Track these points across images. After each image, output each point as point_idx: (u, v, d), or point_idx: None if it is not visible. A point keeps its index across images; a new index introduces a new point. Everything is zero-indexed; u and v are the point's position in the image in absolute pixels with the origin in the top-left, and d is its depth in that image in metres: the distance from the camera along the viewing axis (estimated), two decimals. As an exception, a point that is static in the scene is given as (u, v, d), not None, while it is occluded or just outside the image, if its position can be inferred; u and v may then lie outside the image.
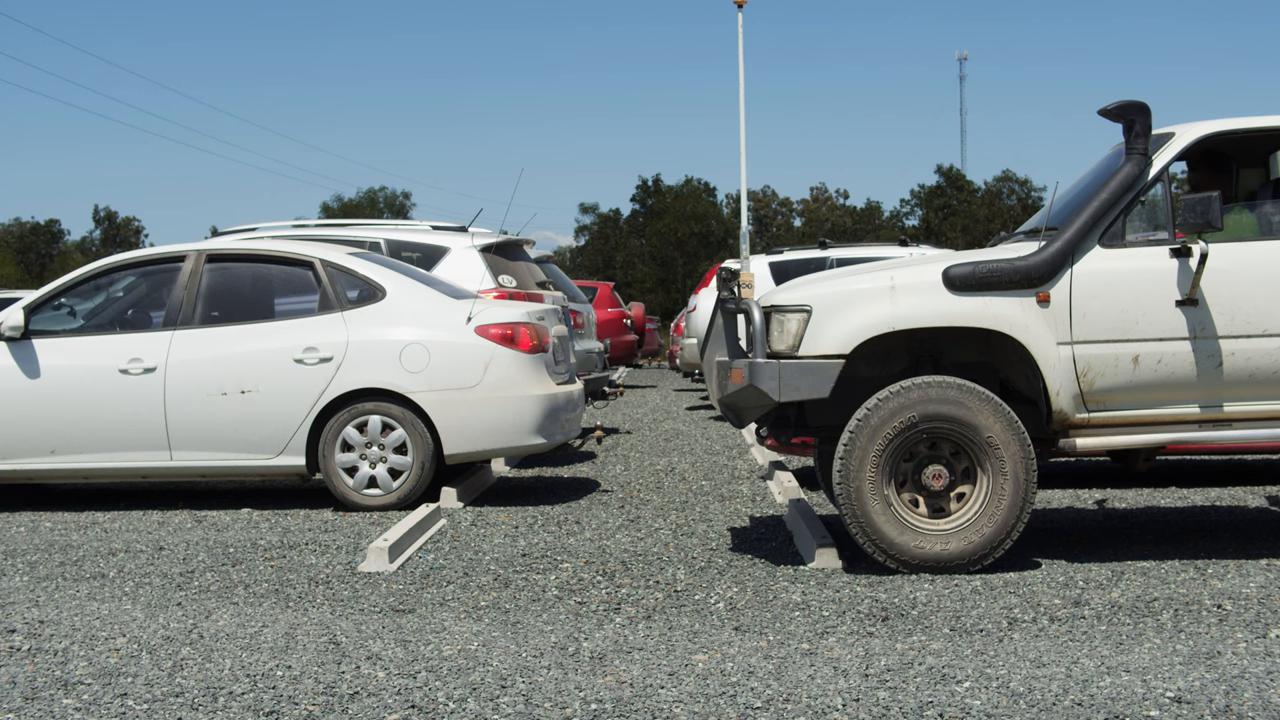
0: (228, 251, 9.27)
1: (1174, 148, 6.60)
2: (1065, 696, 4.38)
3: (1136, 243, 6.50)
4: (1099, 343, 6.38)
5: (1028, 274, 6.39)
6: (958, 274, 6.40)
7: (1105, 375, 6.39)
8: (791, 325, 6.45)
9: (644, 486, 9.73)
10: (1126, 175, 6.47)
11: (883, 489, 6.34)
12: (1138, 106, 6.49)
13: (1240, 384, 6.42)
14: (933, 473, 6.38)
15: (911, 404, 6.32)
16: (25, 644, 5.33)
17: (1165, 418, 6.48)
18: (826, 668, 4.78)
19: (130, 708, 4.46)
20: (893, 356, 6.71)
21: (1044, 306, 6.39)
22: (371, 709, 4.39)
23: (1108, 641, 5.12)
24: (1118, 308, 6.38)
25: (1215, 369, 6.39)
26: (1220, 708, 4.25)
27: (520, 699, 4.47)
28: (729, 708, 4.34)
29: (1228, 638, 5.14)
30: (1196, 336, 6.38)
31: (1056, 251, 6.41)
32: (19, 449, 8.78)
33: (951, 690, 4.48)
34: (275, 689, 4.62)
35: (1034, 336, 6.37)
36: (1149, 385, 6.41)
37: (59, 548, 7.59)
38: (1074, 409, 6.44)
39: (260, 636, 5.38)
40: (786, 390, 6.39)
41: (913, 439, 6.35)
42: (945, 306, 6.40)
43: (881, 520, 6.33)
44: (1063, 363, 6.38)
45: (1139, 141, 6.49)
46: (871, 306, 6.42)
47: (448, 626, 5.52)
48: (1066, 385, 6.39)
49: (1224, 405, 6.47)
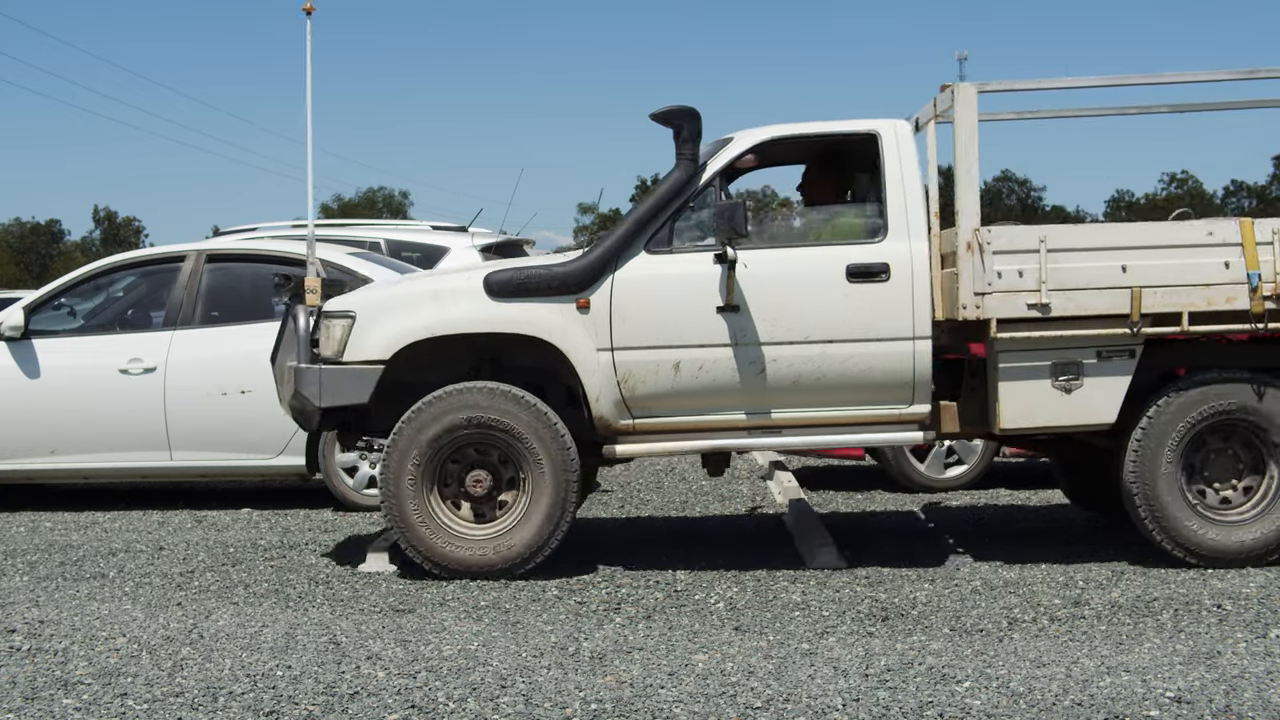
0: (228, 251, 9.27)
1: (728, 154, 6.57)
2: (1065, 696, 4.38)
3: (682, 249, 6.45)
4: (639, 349, 6.34)
5: (566, 280, 6.37)
6: (497, 280, 6.40)
7: (646, 382, 6.36)
8: (336, 331, 6.46)
9: (644, 486, 9.73)
10: (674, 181, 6.45)
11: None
12: (685, 112, 6.44)
13: (785, 391, 6.39)
14: (474, 478, 6.39)
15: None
16: (25, 644, 5.33)
17: (711, 424, 6.46)
18: (826, 668, 4.78)
19: (130, 708, 4.46)
20: (457, 362, 6.62)
21: (584, 313, 6.35)
22: (371, 709, 4.39)
23: (1108, 641, 5.12)
24: (659, 314, 6.35)
25: (759, 376, 6.35)
26: (1220, 708, 4.25)
27: (520, 699, 4.47)
28: (729, 708, 4.34)
29: (1228, 638, 5.14)
30: (739, 343, 6.33)
31: (597, 258, 6.40)
32: (19, 449, 8.77)
33: (951, 690, 4.48)
34: (275, 689, 4.62)
35: (573, 343, 6.35)
36: (692, 392, 6.38)
37: (59, 548, 7.59)
38: (617, 415, 6.42)
39: (260, 636, 5.38)
40: (328, 395, 6.41)
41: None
42: (486, 313, 6.39)
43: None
44: (603, 369, 6.35)
45: (687, 147, 6.45)
46: (413, 313, 6.42)
47: (448, 626, 5.52)
48: (607, 391, 6.36)
49: (771, 412, 6.44)
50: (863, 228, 6.56)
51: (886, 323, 6.33)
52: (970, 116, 6.39)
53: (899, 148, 6.52)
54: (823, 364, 6.33)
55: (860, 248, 6.42)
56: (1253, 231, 6.23)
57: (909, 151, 6.54)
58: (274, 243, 9.59)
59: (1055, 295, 6.23)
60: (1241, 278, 6.22)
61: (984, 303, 6.24)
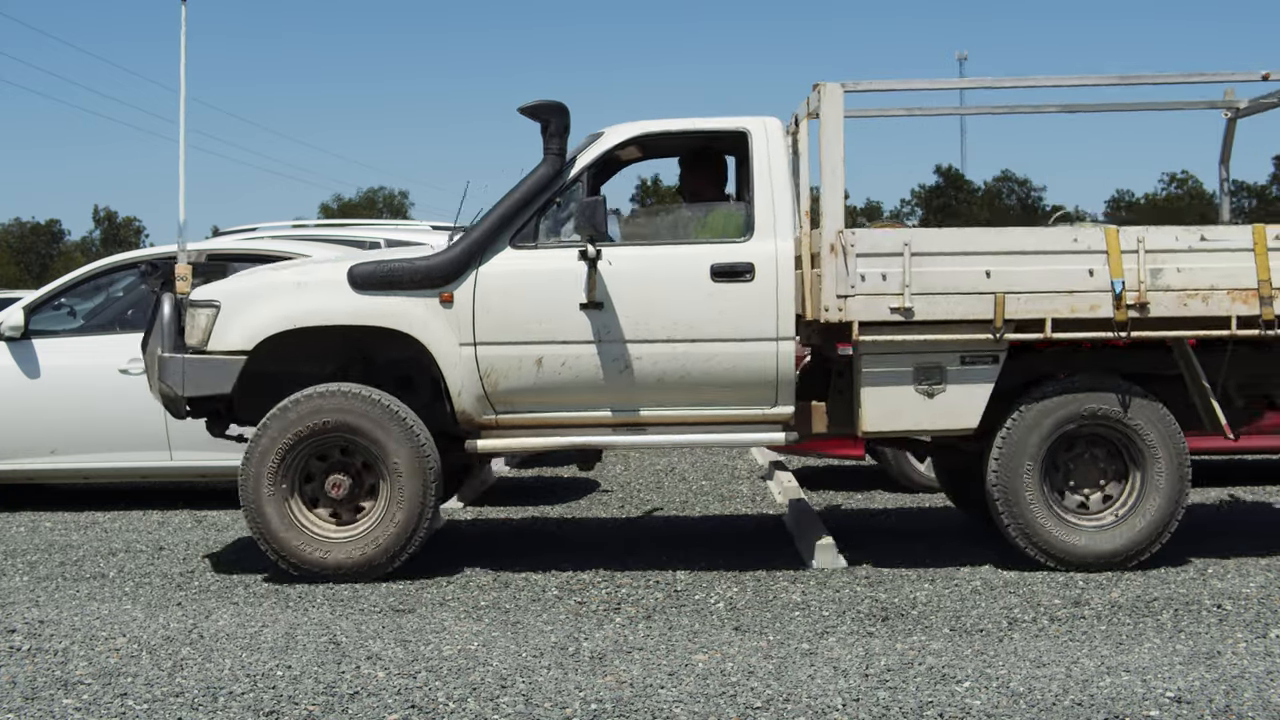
0: (228, 251, 9.26)
1: (596, 149, 6.56)
2: (1065, 696, 4.39)
3: (548, 244, 6.45)
4: (502, 344, 6.34)
5: (429, 274, 6.36)
6: (361, 273, 6.38)
7: (509, 377, 6.35)
8: (201, 320, 6.44)
9: (644, 486, 9.73)
10: (540, 176, 6.45)
11: (283, 496, 6.34)
12: (553, 107, 6.44)
13: (649, 389, 6.37)
14: (333, 482, 6.39)
15: (305, 415, 6.30)
16: (25, 644, 5.33)
17: (574, 421, 6.45)
18: (826, 668, 4.78)
19: (130, 708, 4.46)
20: (329, 354, 6.60)
21: (447, 307, 6.34)
22: (371, 709, 4.39)
23: (1108, 641, 5.12)
24: (522, 309, 6.34)
25: (621, 374, 6.34)
26: (1220, 708, 4.25)
27: (520, 699, 4.47)
28: (729, 708, 4.34)
29: (1228, 638, 5.15)
30: (602, 340, 6.32)
31: (461, 252, 6.39)
32: (19, 449, 8.77)
33: (951, 690, 4.48)
34: (275, 689, 4.62)
35: (435, 336, 6.33)
36: (554, 388, 6.37)
37: (59, 548, 7.58)
38: (480, 410, 6.41)
39: (260, 636, 5.38)
40: (190, 385, 6.39)
41: (317, 447, 6.35)
42: (348, 305, 6.37)
43: (278, 527, 6.33)
44: (465, 363, 6.34)
45: (554, 142, 6.44)
46: (275, 303, 6.40)
47: (448, 626, 5.52)
48: (469, 386, 6.36)
49: (635, 410, 6.43)
50: (731, 226, 6.56)
51: (750, 323, 6.31)
52: (836, 115, 6.32)
53: (768, 146, 6.49)
54: (686, 363, 6.33)
55: (726, 247, 6.41)
56: (1117, 240, 6.21)
57: (778, 150, 6.51)
58: (274, 243, 9.58)
59: (919, 299, 6.19)
60: (1105, 285, 6.19)
61: (847, 305, 6.21)
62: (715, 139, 6.81)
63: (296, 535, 6.33)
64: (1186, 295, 6.20)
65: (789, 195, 6.47)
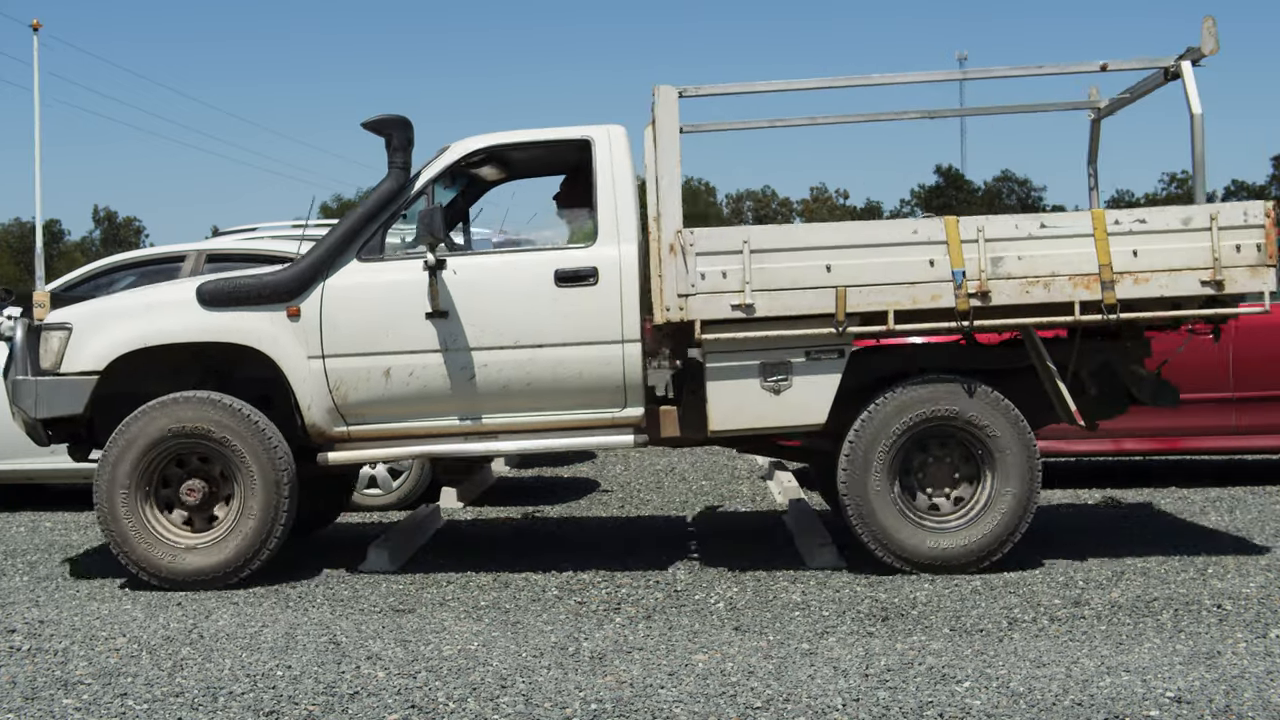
0: (227, 251, 9.26)
1: (442, 162, 6.60)
2: (1065, 696, 4.38)
3: (394, 256, 6.49)
4: (350, 356, 6.37)
5: (276, 289, 6.40)
6: (209, 290, 6.43)
7: (358, 389, 6.38)
8: (54, 343, 6.49)
9: (644, 486, 9.73)
10: (385, 191, 6.50)
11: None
12: (396, 121, 6.50)
13: (497, 396, 6.40)
14: (188, 488, 6.41)
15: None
16: (25, 644, 5.33)
17: (427, 430, 6.47)
18: (826, 668, 4.78)
19: (130, 708, 4.46)
20: (185, 374, 6.62)
21: (295, 321, 6.38)
22: (371, 709, 4.39)
23: (1108, 641, 5.12)
24: (369, 321, 6.37)
25: (469, 381, 6.36)
26: (1220, 708, 4.25)
27: (520, 699, 4.47)
28: (729, 708, 4.34)
29: (1228, 638, 5.14)
30: (448, 349, 6.35)
31: (308, 266, 6.43)
32: (19, 449, 8.77)
33: (951, 690, 4.48)
34: (275, 689, 4.62)
35: (284, 351, 6.38)
36: (404, 398, 6.39)
37: (59, 548, 7.59)
38: (330, 422, 6.44)
39: (260, 636, 5.39)
40: (43, 407, 6.45)
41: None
42: (198, 322, 6.42)
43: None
44: (314, 376, 6.37)
45: (398, 155, 6.50)
46: (126, 324, 6.45)
47: (448, 626, 5.52)
48: (319, 399, 6.39)
49: (485, 417, 6.46)
50: (579, 232, 6.59)
51: (596, 327, 6.34)
52: (671, 119, 6.32)
53: (611, 153, 6.54)
54: (533, 369, 6.35)
55: (570, 252, 6.45)
56: (957, 229, 6.19)
57: (621, 156, 6.55)
58: (273, 243, 9.58)
59: (760, 296, 6.19)
60: (946, 275, 6.18)
61: (688, 304, 6.20)
62: (562, 148, 6.85)
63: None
64: (1028, 283, 6.18)
65: (632, 200, 6.50)
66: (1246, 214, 6.16)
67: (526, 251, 6.54)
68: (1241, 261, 6.14)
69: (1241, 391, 8.61)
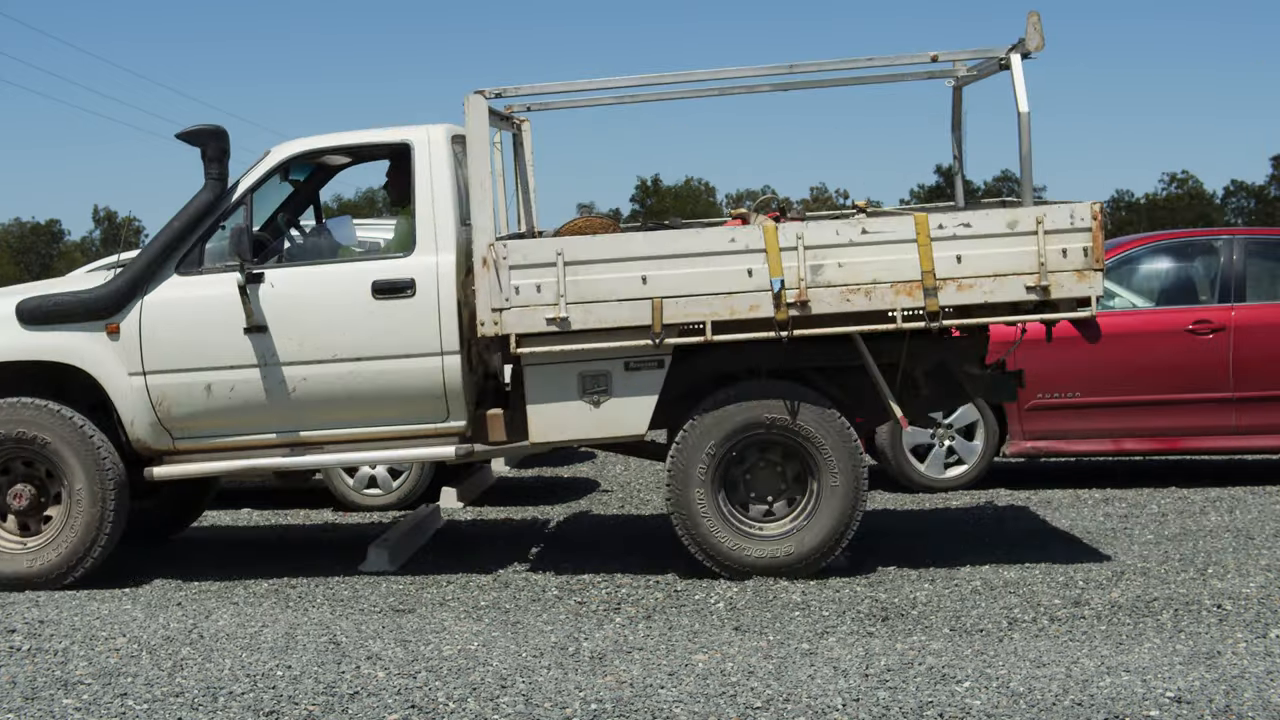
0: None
1: (260, 170, 6.55)
2: (1065, 696, 4.38)
3: (213, 269, 6.43)
4: (170, 372, 6.35)
5: (94, 306, 6.38)
6: (28, 308, 6.42)
7: (181, 404, 6.36)
8: None
9: (644, 486, 9.73)
10: (201, 202, 6.44)
11: None
12: (210, 131, 6.45)
13: (319, 409, 6.37)
14: (14, 493, 6.45)
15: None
16: (25, 644, 5.33)
17: (251, 444, 6.46)
18: (826, 668, 4.78)
19: (130, 708, 4.46)
20: (20, 390, 6.53)
21: (114, 338, 6.37)
22: (371, 709, 4.39)
23: (1108, 641, 5.12)
24: (188, 336, 6.35)
25: (291, 395, 6.33)
26: (1220, 708, 4.25)
27: (520, 699, 4.47)
28: (729, 708, 4.34)
29: (1228, 638, 5.14)
30: (267, 363, 6.32)
31: (125, 283, 6.39)
32: None
33: (951, 690, 4.48)
34: (275, 689, 4.62)
35: (105, 369, 6.37)
36: (226, 412, 6.38)
37: (59, 548, 7.57)
38: (156, 438, 6.43)
39: (260, 636, 5.38)
40: None
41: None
42: (17, 341, 6.42)
43: None
44: (136, 393, 6.36)
45: (214, 166, 6.44)
46: None
47: (448, 626, 5.52)
48: (142, 415, 6.38)
49: (313, 429, 6.43)
50: (396, 241, 6.55)
51: (415, 339, 6.28)
52: (481, 127, 6.22)
53: (430, 158, 6.42)
54: (353, 382, 6.32)
55: (387, 263, 6.39)
56: (776, 238, 6.08)
57: (441, 162, 6.42)
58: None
59: (575, 309, 6.10)
60: (765, 285, 6.08)
61: (502, 318, 6.12)
62: (383, 152, 6.81)
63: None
64: (849, 291, 6.07)
65: (451, 208, 6.39)
66: (1074, 216, 6.01)
67: (344, 263, 6.49)
68: (1068, 266, 6.00)
69: (1241, 391, 8.60)
